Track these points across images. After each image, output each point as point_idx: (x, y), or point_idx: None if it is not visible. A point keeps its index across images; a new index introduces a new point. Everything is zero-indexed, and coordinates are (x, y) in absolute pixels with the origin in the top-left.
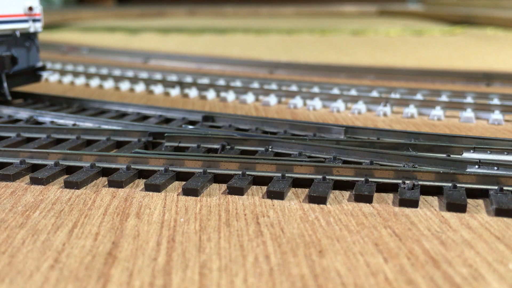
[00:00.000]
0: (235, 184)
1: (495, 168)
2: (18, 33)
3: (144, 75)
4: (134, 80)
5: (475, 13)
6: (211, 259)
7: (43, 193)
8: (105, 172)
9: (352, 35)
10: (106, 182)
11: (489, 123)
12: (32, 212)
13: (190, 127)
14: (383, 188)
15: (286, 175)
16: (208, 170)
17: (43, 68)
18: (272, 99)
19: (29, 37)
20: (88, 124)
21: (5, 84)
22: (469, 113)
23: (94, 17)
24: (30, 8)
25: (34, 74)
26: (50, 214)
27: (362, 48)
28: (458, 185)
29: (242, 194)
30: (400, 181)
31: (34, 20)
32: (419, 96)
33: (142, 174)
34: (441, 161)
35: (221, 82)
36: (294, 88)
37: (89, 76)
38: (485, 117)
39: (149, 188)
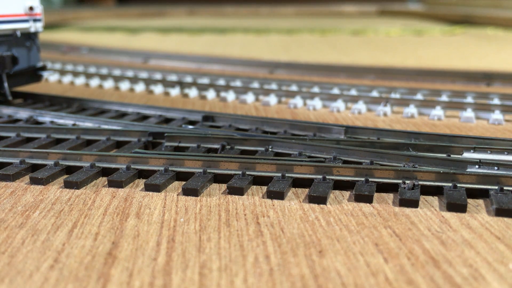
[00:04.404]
0: (235, 184)
1: (496, 168)
2: (18, 33)
3: (144, 75)
4: (134, 80)
5: (475, 13)
6: (211, 259)
7: (43, 193)
8: (105, 172)
9: (352, 35)
10: (106, 182)
11: (489, 123)
12: (32, 212)
13: (190, 127)
14: (383, 188)
15: (286, 175)
16: (208, 170)
17: (43, 68)
18: (272, 99)
19: (29, 37)
20: (88, 124)
21: (5, 84)
22: (469, 113)
23: (94, 17)
24: (31, 8)
25: (34, 74)
26: (50, 214)
27: (362, 48)
28: (459, 185)
29: (242, 194)
30: (400, 181)
31: (35, 20)
32: (419, 96)
33: (142, 174)
34: (441, 161)
35: (221, 82)
36: (294, 88)
37: (89, 76)
38: (485, 117)
39: (149, 188)
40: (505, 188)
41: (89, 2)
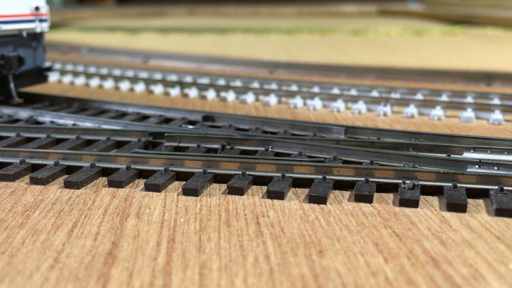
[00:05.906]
0: (235, 184)
1: (496, 168)
2: (24, 33)
3: (144, 75)
4: (134, 80)
5: (475, 13)
6: (211, 259)
7: (43, 193)
8: (105, 172)
9: (352, 35)
10: (106, 182)
11: (489, 123)
12: (32, 212)
13: (190, 127)
14: (383, 188)
15: (286, 175)
16: (208, 170)
17: (49, 69)
18: (272, 99)
19: (35, 37)
20: (88, 124)
21: (11, 85)
22: (469, 113)
23: (94, 17)
24: (37, 8)
25: (40, 74)
26: (50, 214)
27: (362, 48)
28: (459, 185)
29: (242, 194)
30: (400, 181)
31: (41, 20)
32: (419, 96)
33: (142, 174)
34: (441, 161)
35: (221, 82)
36: (294, 88)
37: (89, 76)
38: (485, 117)
39: (149, 188)
40: (505, 188)
41: (89, 2)
